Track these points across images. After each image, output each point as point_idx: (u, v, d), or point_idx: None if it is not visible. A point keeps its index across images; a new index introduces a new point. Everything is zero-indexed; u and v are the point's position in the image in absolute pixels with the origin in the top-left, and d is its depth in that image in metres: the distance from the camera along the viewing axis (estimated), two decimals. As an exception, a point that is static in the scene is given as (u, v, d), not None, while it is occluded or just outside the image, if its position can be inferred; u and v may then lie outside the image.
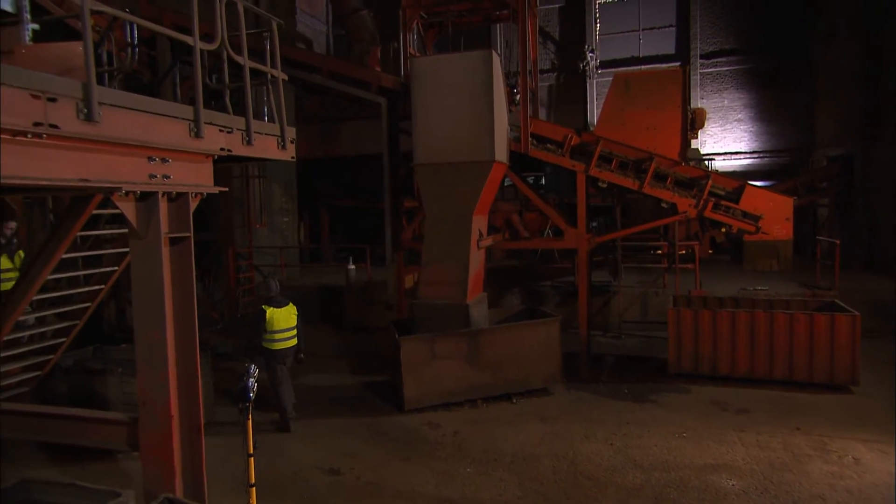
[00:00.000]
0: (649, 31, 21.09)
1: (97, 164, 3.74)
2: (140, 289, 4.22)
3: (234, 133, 4.85)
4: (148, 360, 4.22)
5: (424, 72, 8.45)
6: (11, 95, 3.12)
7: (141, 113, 3.93)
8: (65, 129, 3.41)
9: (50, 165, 3.46)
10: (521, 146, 9.20)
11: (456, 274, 8.14)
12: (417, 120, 8.52)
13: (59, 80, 3.39)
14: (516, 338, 8.25)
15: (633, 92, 8.93)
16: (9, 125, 3.12)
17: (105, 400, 6.90)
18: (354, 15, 19.42)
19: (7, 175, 3.20)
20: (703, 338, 8.55)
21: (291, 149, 5.65)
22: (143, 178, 4.08)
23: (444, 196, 8.38)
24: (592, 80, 21.42)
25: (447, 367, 7.94)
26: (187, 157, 4.45)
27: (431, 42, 10.73)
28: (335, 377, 9.68)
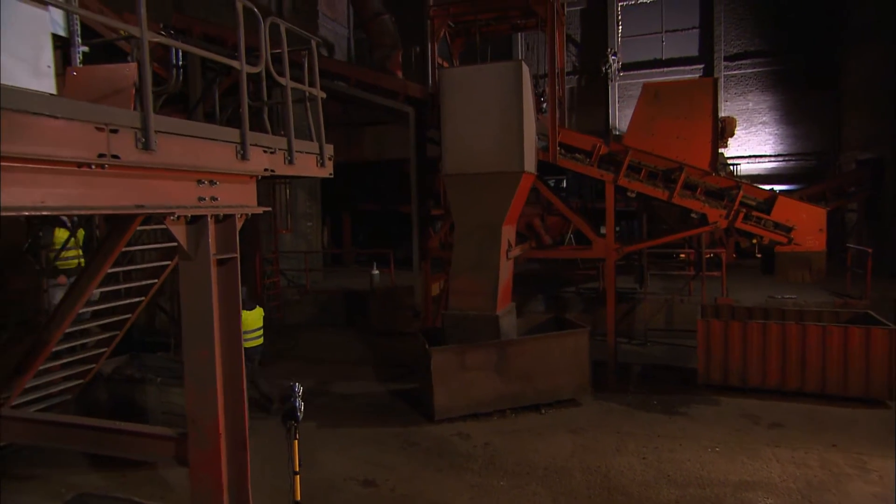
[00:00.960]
0: (672, 33, 20.91)
1: (151, 189, 3.84)
2: (189, 308, 4.32)
3: (276, 153, 4.93)
4: (196, 378, 4.32)
5: (454, 82, 8.49)
6: (79, 129, 3.22)
7: (191, 138, 4.02)
8: (125, 158, 3.50)
9: (110, 193, 3.56)
10: (549, 156, 9.21)
11: (486, 285, 8.18)
12: (446, 130, 8.56)
13: (121, 112, 3.49)
14: (545, 349, 8.27)
15: (662, 102, 8.88)
16: (76, 157, 3.22)
17: (144, 409, 7.06)
18: (376, 19, 19.46)
19: (73, 206, 3.31)
20: (732, 349, 8.49)
21: (329, 166, 5.73)
22: (193, 201, 4.18)
23: (474, 206, 8.41)
24: (614, 83, 21.30)
25: (476, 378, 7.99)
26: (233, 178, 4.54)
27: (458, 50, 10.76)
28: (364, 384, 9.78)
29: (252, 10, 4.66)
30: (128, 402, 7.18)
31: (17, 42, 2.96)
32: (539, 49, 21.97)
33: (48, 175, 3.18)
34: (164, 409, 6.98)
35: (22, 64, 2.99)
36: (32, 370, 6.12)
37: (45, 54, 3.14)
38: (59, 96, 3.18)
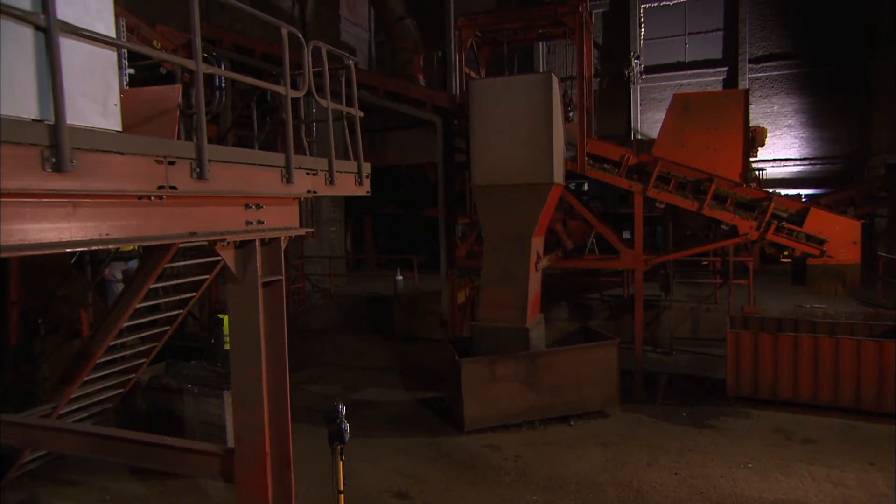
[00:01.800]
0: (696, 36, 20.72)
1: (203, 216, 3.94)
2: (237, 330, 4.43)
3: (318, 174, 5.02)
4: (244, 398, 4.43)
5: (483, 93, 8.53)
6: (142, 163, 3.32)
7: (240, 165, 4.11)
8: (181, 188, 3.60)
9: (165, 222, 3.67)
10: (577, 166, 9.21)
11: (516, 297, 8.22)
12: (475, 141, 8.60)
13: (178, 144, 3.58)
14: (574, 360, 8.29)
15: (692, 113, 8.83)
16: (139, 191, 3.32)
17: (182, 418, 7.21)
18: (398, 24, 19.58)
19: (134, 237, 3.41)
20: (763, 362, 8.43)
21: (367, 184, 5.80)
22: (241, 226, 4.27)
23: (503, 218, 8.45)
24: (636, 86, 21.16)
25: (506, 389, 8.04)
26: (278, 201, 4.64)
27: (484, 59, 10.80)
28: (391, 392, 9.87)
29: (297, 35, 4.75)
30: (165, 410, 7.34)
31: (89, 83, 3.05)
32: (560, 52, 21.92)
33: (113, 208, 3.29)
34: (200, 419, 7.12)
35: (93, 104, 3.08)
36: (78, 381, 6.30)
37: (113, 93, 3.23)
38: (124, 133, 3.28)
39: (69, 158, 2.84)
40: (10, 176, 2.67)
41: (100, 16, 3.17)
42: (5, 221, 2.76)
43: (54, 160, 2.81)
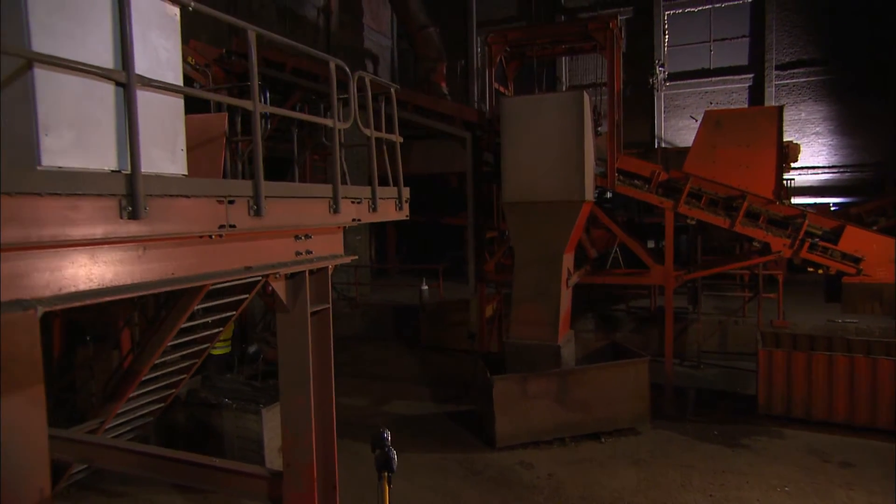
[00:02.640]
0: (721, 42, 20.54)
1: (257, 250, 4.06)
2: (286, 358, 4.54)
3: (362, 202, 5.13)
4: (293, 424, 4.54)
5: (514, 111, 8.59)
6: (205, 204, 3.44)
7: (292, 199, 4.23)
8: (240, 226, 3.72)
9: (223, 259, 3.79)
10: (607, 182, 9.22)
11: (547, 314, 8.26)
12: (506, 158, 8.67)
13: (237, 183, 3.70)
14: (605, 378, 8.30)
15: (724, 129, 8.80)
16: (203, 231, 3.45)
17: (220, 433, 7.37)
18: (422, 32, 19.69)
19: (195, 276, 3.53)
20: (796, 380, 8.36)
21: (406, 208, 5.90)
22: (291, 256, 4.39)
23: (534, 235, 8.50)
24: (660, 93, 21.04)
25: (537, 406, 8.08)
26: (326, 230, 4.75)
27: (513, 74, 10.84)
28: (419, 405, 9.96)
29: (343, 68, 4.86)
30: (204, 424, 7.50)
31: (159, 132, 3.18)
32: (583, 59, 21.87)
33: (177, 248, 3.41)
34: (239, 434, 7.27)
35: (162, 151, 3.21)
36: (125, 397, 6.48)
37: (180, 138, 3.37)
38: (190, 177, 3.40)
39: (143, 206, 2.97)
40: (91, 225, 2.80)
41: (170, 65, 3.30)
42: (83, 267, 2.89)
43: (131, 209, 2.93)
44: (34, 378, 3.81)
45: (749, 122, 8.76)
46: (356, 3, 22.17)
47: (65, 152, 2.71)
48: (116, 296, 3.02)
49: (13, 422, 3.49)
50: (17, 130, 2.61)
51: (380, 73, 24.07)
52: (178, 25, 3.39)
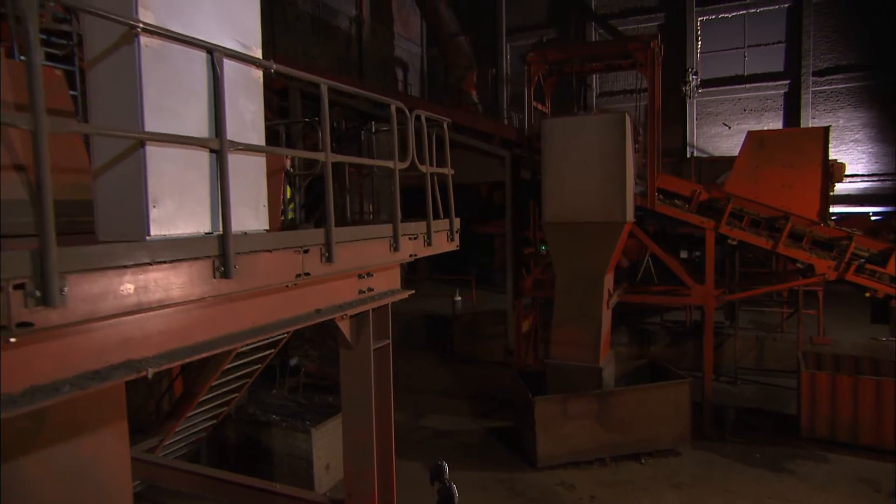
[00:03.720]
0: (755, 48, 20.24)
1: (326, 293, 4.22)
2: (349, 393, 4.70)
3: (418, 238, 5.26)
4: (355, 458, 4.70)
5: (556, 132, 8.64)
6: (284, 256, 3.61)
7: (358, 241, 4.38)
8: (314, 273, 3.88)
9: (296, 304, 3.95)
10: (647, 202, 9.23)
11: (589, 336, 8.31)
12: (547, 178, 8.73)
13: (311, 233, 3.85)
14: (646, 399, 8.33)
15: (768, 150, 8.73)
16: (282, 282, 3.61)
17: (270, 450, 7.59)
18: (453, 41, 19.81)
19: (272, 323, 3.70)
20: (841, 404, 8.28)
21: (457, 238, 6.03)
22: (355, 295, 4.55)
23: (575, 255, 8.55)
24: (692, 100, 20.83)
25: (578, 426, 8.14)
26: (386, 268, 4.90)
27: (550, 90, 10.89)
28: (457, 420, 10.08)
29: (403, 110, 4.99)
30: (254, 441, 7.74)
31: (245, 191, 3.34)
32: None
33: (258, 299, 3.58)
34: (288, 452, 7.49)
35: (248, 209, 3.37)
36: (182, 417, 6.75)
37: (263, 195, 3.52)
38: (271, 231, 3.56)
39: (234, 265, 3.13)
40: (190, 287, 2.97)
41: (254, 127, 3.46)
42: (182, 326, 3.07)
43: (223, 269, 3.10)
44: (121, 415, 4.03)
45: (794, 143, 8.68)
46: (387, 12, 22.41)
47: (168, 221, 2.88)
48: (210, 351, 3.19)
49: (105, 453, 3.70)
50: (130, 205, 2.79)
51: (409, 80, 24.26)
52: (262, 87, 3.56)
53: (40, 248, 2.27)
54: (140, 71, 2.74)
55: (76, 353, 2.55)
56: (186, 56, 2.97)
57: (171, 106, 2.90)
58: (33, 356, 2.38)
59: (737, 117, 20.45)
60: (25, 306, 2.26)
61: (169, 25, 2.87)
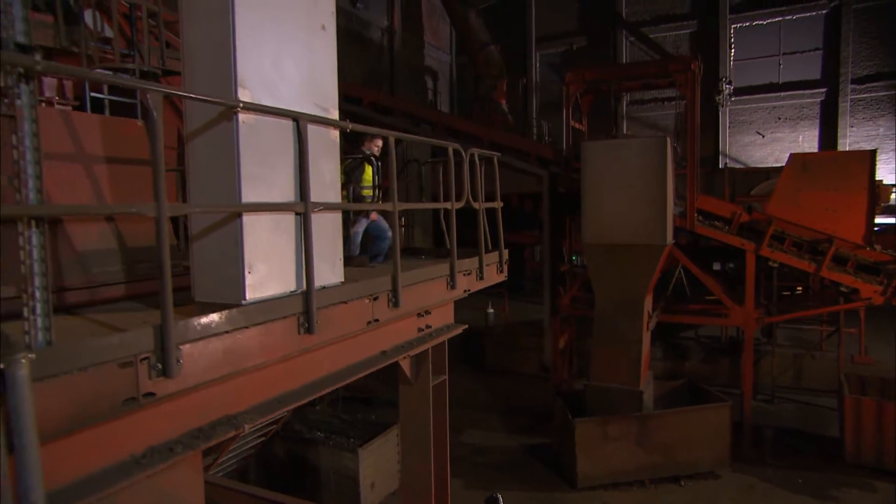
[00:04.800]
0: (791, 56, 19.93)
1: (389, 334, 4.38)
2: (407, 428, 4.87)
3: (471, 273, 5.40)
4: (413, 489, 4.86)
5: (596, 154, 8.70)
6: (357, 305, 3.77)
7: (420, 284, 4.53)
8: (382, 319, 4.05)
9: (364, 348, 4.12)
10: (686, 223, 9.24)
11: (629, 359, 8.37)
12: (587, 200, 8.79)
13: (380, 280, 4.01)
14: (685, 422, 8.35)
15: (811, 173, 8.66)
16: (355, 331, 3.78)
17: (317, 468, 7.81)
18: (483, 50, 19.89)
19: (343, 371, 3.86)
20: (887, 430, 8.19)
21: (505, 269, 6.15)
22: (415, 333, 4.71)
23: (615, 277, 8.60)
24: (725, 108, 20.60)
25: (618, 448, 8.20)
26: (443, 305, 5.05)
27: (587, 108, 10.93)
28: (493, 436, 10.20)
29: (460, 151, 5.12)
30: (301, 458, 7.96)
31: (324, 248, 3.50)
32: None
33: (332, 347, 3.75)
34: (335, 470, 7.69)
35: (326, 265, 3.54)
36: (238, 435, 6.99)
37: (338, 249, 3.69)
38: (346, 283, 3.72)
39: (316, 320, 3.31)
40: (279, 346, 3.16)
41: (332, 185, 3.64)
42: (269, 380, 3.25)
43: (307, 325, 3.28)
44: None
45: (838, 166, 8.60)
46: (417, 22, 22.60)
47: (260, 284, 3.06)
48: (295, 403, 3.38)
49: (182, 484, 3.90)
50: (227, 271, 2.98)
51: (439, 88, 24.43)
52: (338, 146, 3.73)
53: (161, 324, 2.46)
54: (238, 145, 2.92)
55: (183, 413, 2.75)
56: (275, 126, 3.15)
57: (263, 174, 3.08)
58: (150, 420, 2.58)
59: (771, 126, 20.18)
60: (149, 378, 2.46)
61: (262, 100, 3.05)
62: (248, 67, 2.95)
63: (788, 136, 19.92)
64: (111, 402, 2.36)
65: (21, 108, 2.06)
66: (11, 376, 1.91)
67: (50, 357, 2.09)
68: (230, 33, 2.87)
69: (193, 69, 3.01)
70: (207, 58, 2.96)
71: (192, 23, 2.98)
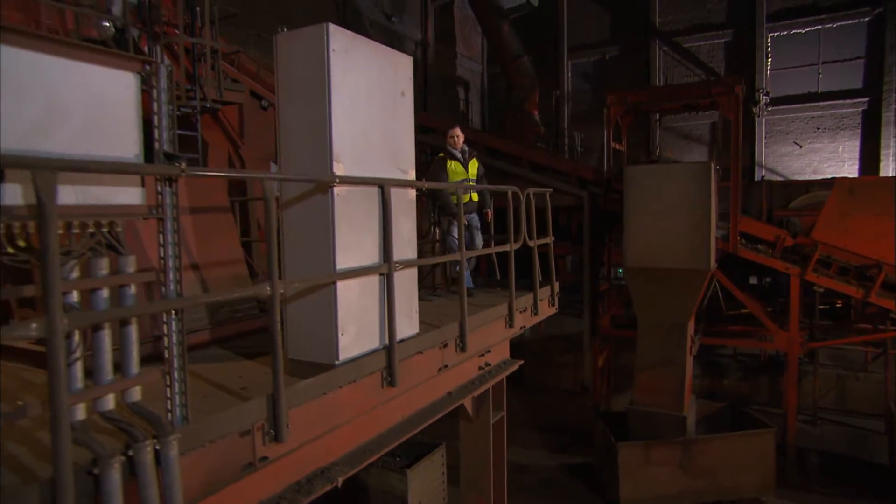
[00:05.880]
0: (831, 65, 19.57)
1: (454, 376, 4.56)
2: (468, 462, 5.04)
3: (526, 310, 5.55)
4: (473, 520, 5.04)
5: (639, 179, 8.77)
6: (430, 353, 3.96)
7: (483, 326, 4.70)
8: (451, 364, 4.23)
9: (434, 391, 4.29)
10: (729, 246, 9.23)
11: (672, 383, 8.42)
12: (630, 223, 8.85)
13: (449, 328, 4.19)
14: (729, 447, 8.36)
15: (858, 197, 8.59)
16: (428, 377, 3.97)
17: (366, 488, 8.02)
18: (516, 62, 19.96)
19: (416, 416, 4.04)
20: (937, 459, 8.10)
21: (556, 303, 6.29)
22: (476, 372, 4.88)
23: (658, 301, 8.65)
24: (761, 119, 20.30)
25: (661, 472, 8.26)
26: (501, 344, 5.21)
27: (626, 128, 10.98)
28: (534, 454, 10.32)
29: (517, 193, 5.26)
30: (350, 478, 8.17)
31: (403, 303, 3.70)
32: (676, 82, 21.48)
33: (408, 394, 3.94)
34: (384, 490, 7.88)
35: (404, 318, 3.73)
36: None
37: (415, 302, 3.88)
38: (420, 334, 3.90)
39: (397, 374, 3.50)
40: (365, 400, 3.36)
41: (410, 242, 3.82)
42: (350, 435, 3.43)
43: (389, 378, 3.48)
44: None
45: (888, 191, 8.51)
46: (450, 34, 22.80)
47: (351, 345, 3.26)
48: (379, 452, 3.57)
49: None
50: (321, 334, 3.19)
51: (471, 98, 24.57)
52: (415, 203, 3.91)
53: (273, 394, 2.67)
54: (333, 216, 3.12)
55: (284, 470, 2.96)
56: (363, 193, 3.35)
57: (354, 241, 3.28)
58: (260, 479, 2.79)
59: (809, 136, 19.84)
60: (264, 443, 2.68)
61: (353, 171, 3.26)
62: (341, 143, 3.16)
63: (828, 146, 19.57)
64: (233, 468, 2.58)
65: (165, 209, 2.29)
66: (165, 456, 2.14)
67: (189, 433, 2.32)
68: (327, 116, 3.07)
69: (290, 145, 3.23)
70: (304, 136, 3.17)
71: (290, 105, 3.19)
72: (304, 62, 3.14)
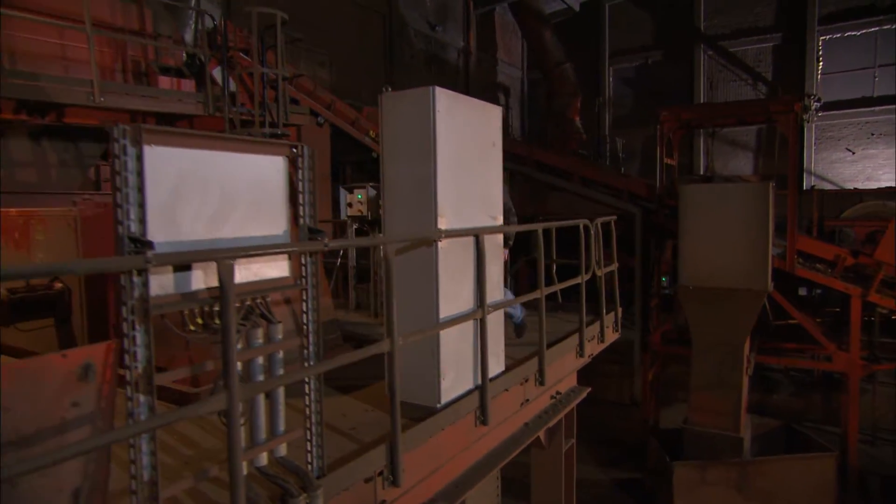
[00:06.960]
0: (886, 68, 18.99)
1: (532, 408, 4.70)
2: (539, 487, 5.18)
3: (594, 339, 5.67)
4: (544, 546, 5.18)
5: (695, 198, 8.74)
6: (513, 391, 4.11)
7: (557, 359, 4.83)
8: (531, 398, 4.38)
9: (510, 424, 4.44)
10: (785, 264, 9.14)
11: (728, 405, 8.39)
12: (685, 242, 8.84)
13: (529, 364, 4.34)
14: (788, 470, 8.29)
15: (926, 217, 8.43)
16: (512, 414, 4.12)
17: None
18: (558, 69, 19.92)
19: (500, 448, 4.20)
20: None
21: (619, 328, 6.38)
22: (548, 402, 5.01)
23: (713, 321, 8.62)
24: (811, 124, 19.82)
25: (716, 493, 8.24)
26: (571, 376, 5.34)
27: (678, 142, 10.92)
28: (583, 468, 10.31)
29: (587, 225, 5.37)
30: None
31: (493, 342, 3.86)
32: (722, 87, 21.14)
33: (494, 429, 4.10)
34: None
35: (494, 357, 3.89)
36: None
37: (502, 340, 4.04)
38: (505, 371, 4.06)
39: (489, 412, 3.67)
40: (461, 440, 3.54)
41: (498, 285, 3.98)
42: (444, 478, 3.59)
43: (482, 417, 3.64)
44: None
45: (957, 211, 8.32)
46: (491, 40, 22.90)
47: (451, 388, 3.44)
48: (470, 487, 3.74)
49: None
50: (424, 378, 3.37)
51: (511, 103, 24.62)
52: (502, 247, 4.07)
53: (392, 442, 2.87)
54: (437, 268, 3.31)
55: (395, 508, 3.15)
56: (460, 243, 3.52)
57: (453, 289, 3.46)
58: (376, 519, 2.98)
59: (862, 142, 19.30)
60: (383, 488, 2.88)
61: (453, 224, 3.43)
62: (445, 197, 3.33)
63: (883, 152, 19.00)
64: (358, 513, 2.79)
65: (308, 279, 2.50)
66: (312, 511, 2.35)
67: (328, 483, 2.52)
68: (432, 173, 3.25)
69: (395, 199, 3.42)
70: (409, 191, 3.35)
71: (395, 162, 3.38)
72: (410, 121, 3.32)
